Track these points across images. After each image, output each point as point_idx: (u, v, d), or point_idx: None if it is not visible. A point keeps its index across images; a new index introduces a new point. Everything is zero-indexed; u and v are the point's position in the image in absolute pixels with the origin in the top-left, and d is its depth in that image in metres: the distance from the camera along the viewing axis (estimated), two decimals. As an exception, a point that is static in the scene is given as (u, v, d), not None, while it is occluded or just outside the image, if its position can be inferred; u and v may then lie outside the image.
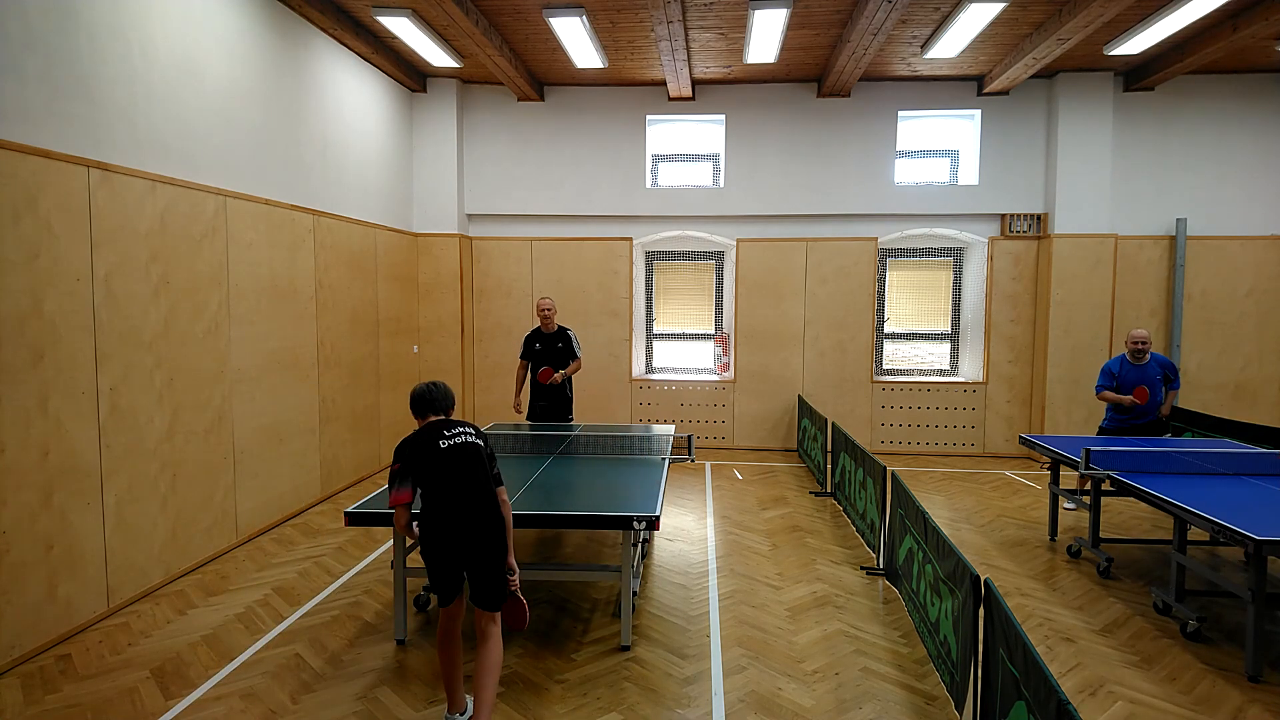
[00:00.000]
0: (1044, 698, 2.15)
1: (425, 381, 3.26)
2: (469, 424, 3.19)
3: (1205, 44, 6.97)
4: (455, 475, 3.02)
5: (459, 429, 3.13)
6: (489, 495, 3.04)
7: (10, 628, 3.61)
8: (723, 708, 3.30)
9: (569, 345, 6.41)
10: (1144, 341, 5.79)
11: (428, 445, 3.06)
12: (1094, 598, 4.54)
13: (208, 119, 5.10)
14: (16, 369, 3.63)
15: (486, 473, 3.08)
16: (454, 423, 3.17)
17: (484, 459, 3.11)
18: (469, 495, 3.01)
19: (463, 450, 3.07)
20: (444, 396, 3.24)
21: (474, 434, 3.15)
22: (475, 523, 2.99)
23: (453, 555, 3.00)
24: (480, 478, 3.05)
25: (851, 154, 8.63)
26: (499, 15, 6.64)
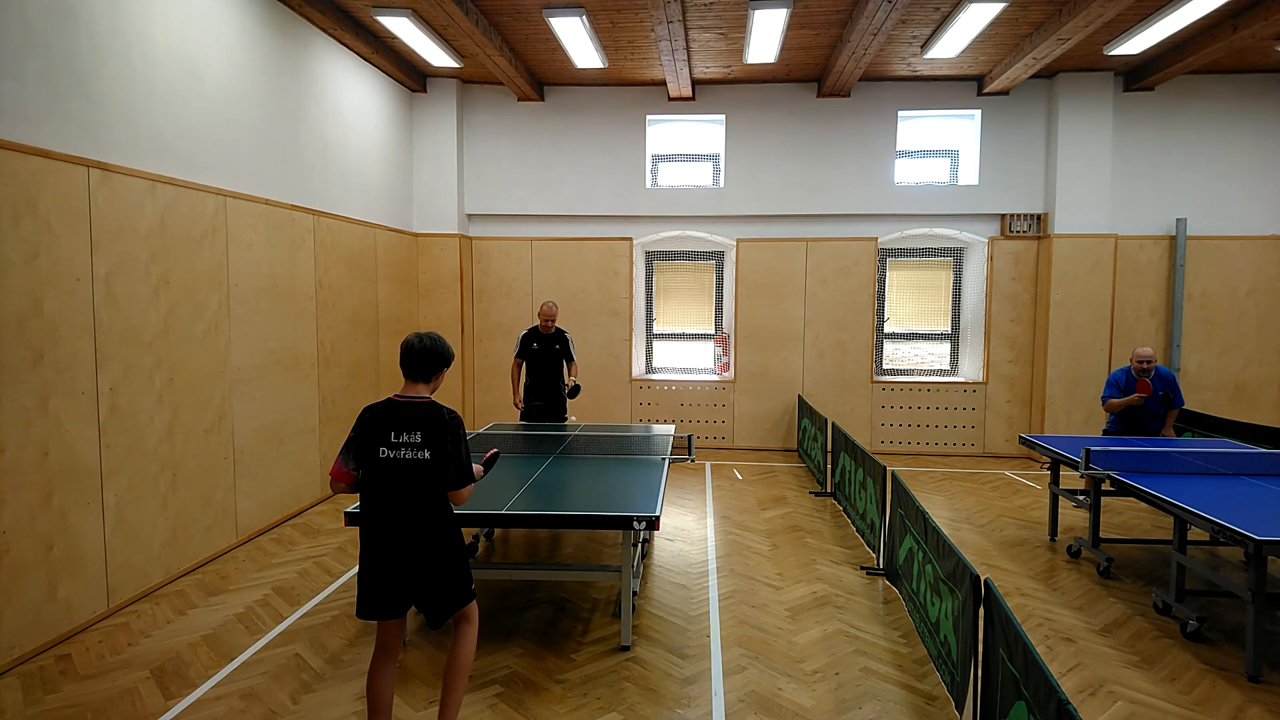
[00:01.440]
0: (1044, 698, 2.15)
1: (416, 333, 2.87)
2: (427, 418, 2.73)
3: (1205, 44, 6.97)
4: (390, 495, 2.71)
5: (406, 435, 2.71)
6: (433, 517, 2.73)
7: (10, 628, 3.61)
8: (723, 708, 3.30)
9: (566, 347, 6.44)
10: (1149, 361, 5.82)
11: (371, 443, 2.73)
12: (1094, 598, 4.54)
13: (208, 119, 5.11)
14: (16, 369, 3.63)
15: (431, 491, 2.72)
16: (407, 417, 2.72)
17: (429, 474, 2.71)
18: (407, 522, 2.71)
19: (401, 468, 2.70)
20: (422, 356, 2.80)
21: (420, 443, 2.71)
22: (416, 551, 2.71)
23: (389, 577, 2.72)
24: (421, 500, 2.71)
25: (851, 154, 8.63)
26: (499, 15, 6.64)
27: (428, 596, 2.77)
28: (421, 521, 2.72)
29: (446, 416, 2.76)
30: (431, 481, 2.73)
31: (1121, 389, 5.93)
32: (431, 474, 2.72)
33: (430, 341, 2.84)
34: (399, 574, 2.73)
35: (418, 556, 2.72)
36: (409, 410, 2.75)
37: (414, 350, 2.82)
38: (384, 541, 2.72)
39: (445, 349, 2.88)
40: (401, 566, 2.72)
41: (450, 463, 2.75)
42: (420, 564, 2.73)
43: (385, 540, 2.72)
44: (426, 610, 2.80)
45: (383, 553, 2.72)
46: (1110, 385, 6.01)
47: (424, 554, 2.73)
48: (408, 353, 2.83)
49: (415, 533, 2.72)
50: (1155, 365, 5.87)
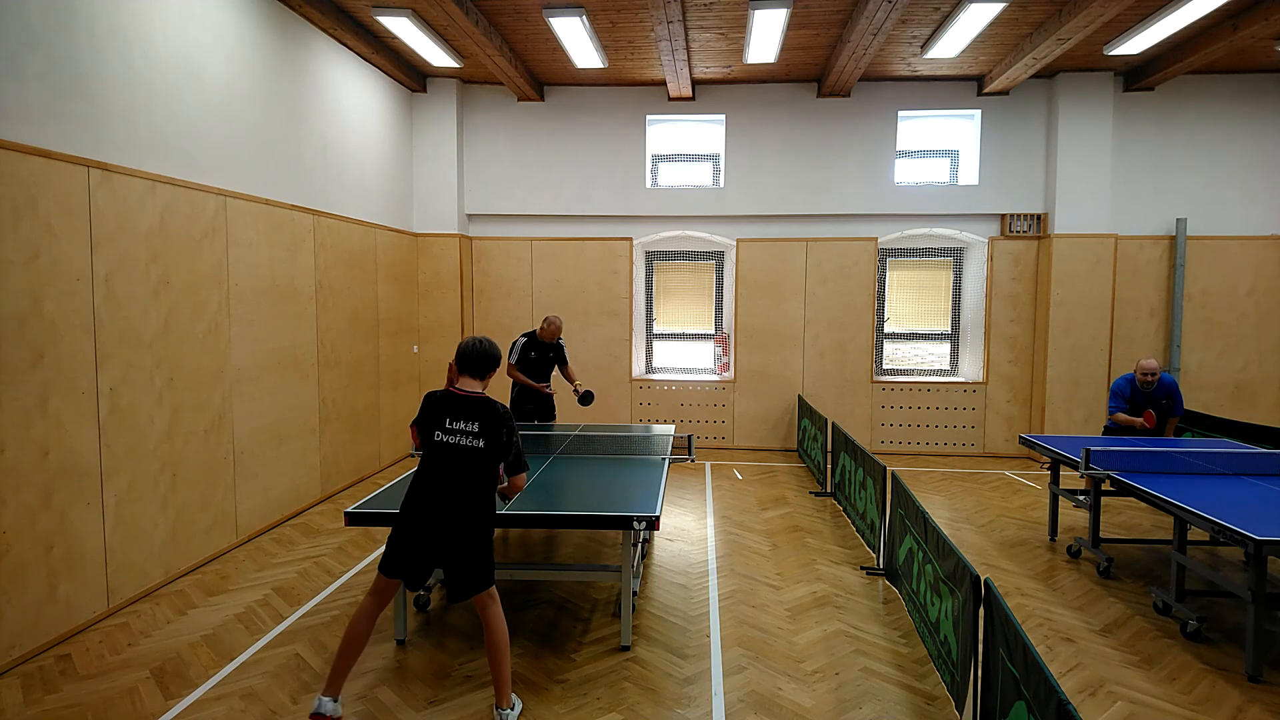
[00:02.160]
0: (1044, 698, 2.15)
1: (473, 336, 3.22)
2: (483, 410, 3.05)
3: (1205, 44, 6.97)
4: (441, 473, 3.01)
5: (463, 424, 3.03)
6: (474, 498, 3.01)
7: (10, 628, 3.61)
8: (723, 708, 3.30)
9: (560, 353, 6.59)
10: (1153, 374, 5.82)
11: (428, 427, 3.08)
12: (1094, 598, 4.54)
13: (208, 119, 5.11)
14: (16, 369, 3.63)
15: (478, 476, 3.02)
16: (464, 408, 3.06)
17: (480, 461, 3.02)
18: (450, 497, 2.99)
19: (455, 452, 3.02)
20: (479, 358, 3.15)
21: (477, 432, 3.03)
22: (451, 524, 2.98)
23: (420, 548, 3.00)
24: (468, 482, 3.01)
25: (851, 154, 8.63)
26: (499, 15, 6.64)
27: (453, 570, 3.03)
28: (464, 502, 3.00)
29: (500, 411, 3.07)
30: (481, 467, 3.02)
31: (1127, 399, 5.93)
32: (483, 461, 3.02)
33: (487, 345, 3.20)
34: (430, 545, 2.99)
35: (452, 533, 2.98)
36: (466, 402, 3.08)
37: (473, 349, 3.16)
38: (425, 514, 3.00)
39: (498, 352, 3.24)
40: (434, 539, 2.98)
41: (508, 451, 3.08)
42: (452, 540, 2.99)
43: (427, 513, 2.99)
44: (450, 582, 3.06)
45: (421, 523, 3.00)
46: (1117, 396, 6.00)
47: (458, 532, 2.99)
48: (467, 353, 3.16)
49: (456, 511, 2.99)
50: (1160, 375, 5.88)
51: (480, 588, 3.07)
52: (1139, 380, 5.83)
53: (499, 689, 3.08)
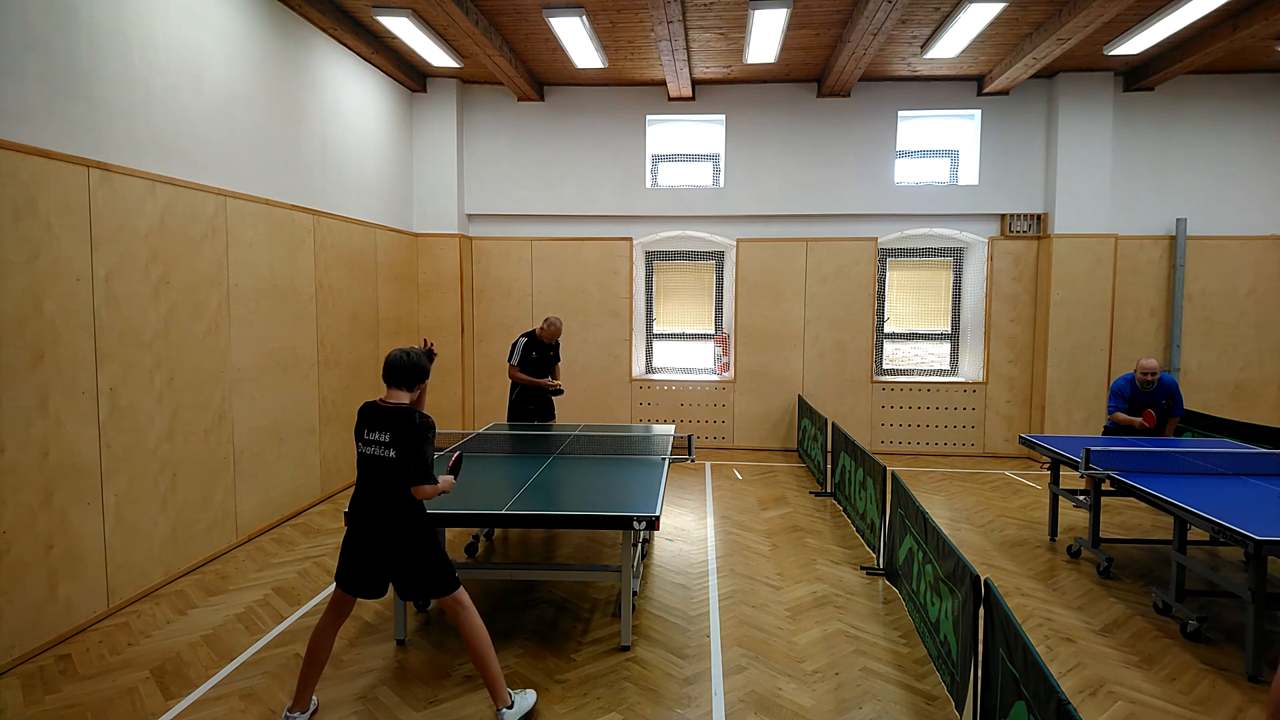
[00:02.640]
0: (1044, 698, 2.15)
1: (400, 348, 3.18)
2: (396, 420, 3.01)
3: (1205, 44, 6.97)
4: (365, 484, 3.08)
5: (377, 434, 3.03)
6: (397, 507, 3.02)
7: (10, 628, 3.61)
8: (723, 708, 3.30)
9: (556, 352, 6.66)
10: (1153, 373, 5.84)
11: (357, 437, 3.12)
12: (1094, 598, 4.54)
13: (208, 119, 5.11)
14: (16, 369, 3.63)
15: (396, 485, 3.01)
16: (380, 419, 3.04)
17: (393, 470, 3.00)
18: (375, 508, 3.04)
19: (372, 463, 3.05)
20: (405, 370, 3.11)
21: (387, 442, 3.01)
22: (381, 534, 3.03)
23: (362, 560, 3.07)
24: (387, 491, 3.02)
25: (851, 154, 8.63)
26: (499, 15, 6.64)
27: (398, 580, 3.10)
28: (388, 513, 3.03)
29: (415, 421, 3.03)
30: (395, 477, 3.02)
31: (1127, 398, 5.94)
32: (396, 470, 3.01)
33: (415, 356, 3.17)
34: (367, 558, 3.06)
35: (384, 544, 3.04)
36: (383, 413, 3.07)
37: (398, 364, 3.14)
38: (357, 525, 3.09)
39: (422, 365, 3.20)
40: (369, 551, 3.06)
41: (416, 456, 3.01)
42: (387, 551, 3.04)
43: (358, 524, 3.08)
44: (400, 592, 3.14)
45: (355, 536, 3.09)
46: (1117, 396, 6.01)
47: (390, 542, 3.04)
48: (392, 365, 3.14)
49: (382, 523, 3.04)
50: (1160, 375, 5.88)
51: (439, 592, 3.09)
52: (1139, 380, 5.83)
53: (492, 691, 3.09)
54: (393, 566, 3.06)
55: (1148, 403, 5.89)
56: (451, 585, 3.12)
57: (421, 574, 3.07)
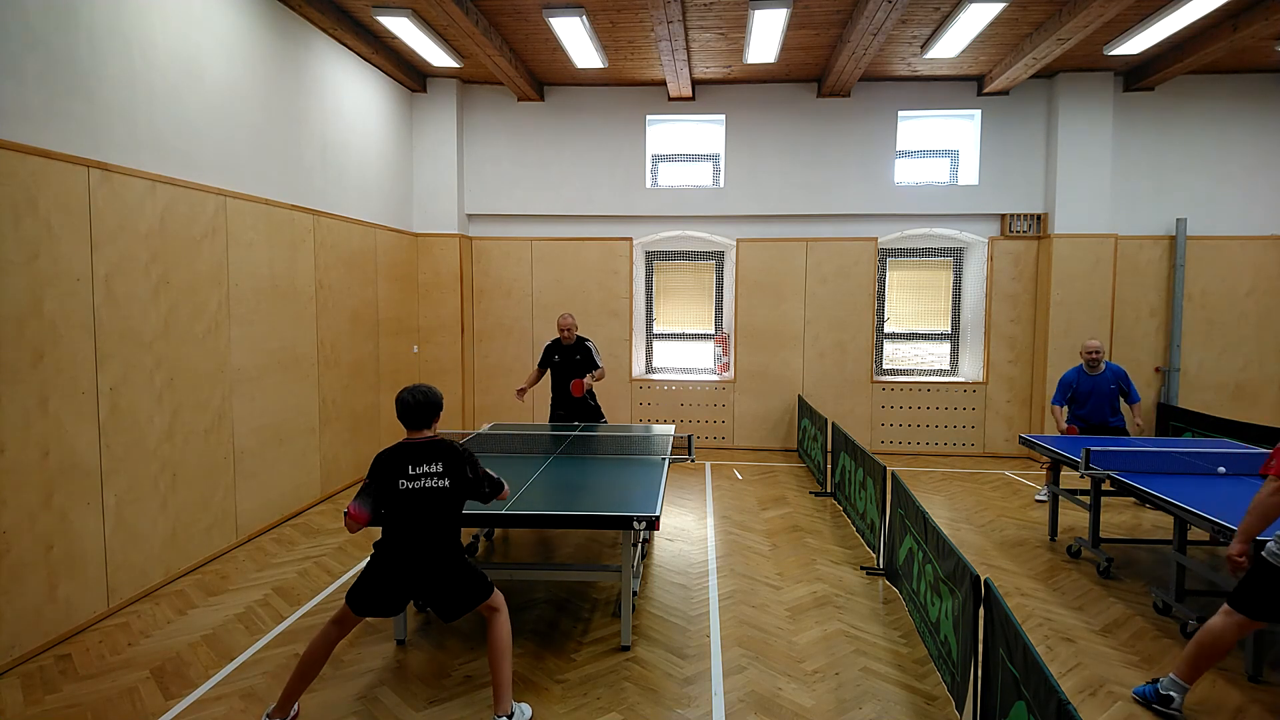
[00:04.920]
0: (1044, 698, 2.15)
1: (409, 387, 3.14)
2: (444, 452, 3.05)
3: (1205, 44, 6.97)
4: (412, 519, 3.01)
5: (425, 467, 3.01)
6: (448, 537, 3.06)
7: (10, 628, 3.61)
8: (723, 708, 3.30)
9: (588, 356, 6.37)
10: (1097, 352, 6.07)
11: (390, 479, 3.01)
12: (1094, 598, 4.54)
13: (208, 119, 5.10)
14: (16, 369, 3.63)
15: (449, 515, 3.05)
16: (424, 453, 3.03)
17: (449, 500, 3.04)
18: (425, 540, 3.02)
19: (423, 496, 3.00)
20: (422, 408, 3.10)
21: (441, 473, 3.03)
22: (429, 564, 3.02)
23: (401, 589, 3.05)
24: (441, 522, 3.04)
25: (851, 154, 8.63)
26: (499, 15, 6.64)
27: (442, 604, 3.08)
28: (437, 541, 3.04)
29: (460, 449, 3.11)
30: (450, 506, 3.05)
31: (1073, 387, 6.19)
32: (450, 499, 3.04)
33: (424, 392, 3.13)
34: (412, 586, 3.05)
35: (433, 571, 3.03)
36: (425, 446, 3.07)
37: (412, 400, 3.10)
38: (405, 560, 3.02)
39: (438, 397, 3.19)
40: (417, 580, 3.03)
41: (479, 486, 3.13)
42: (435, 576, 3.04)
43: (407, 559, 3.02)
44: (439, 610, 3.09)
45: (402, 570, 3.02)
46: (1062, 386, 6.26)
47: (439, 568, 3.04)
48: (407, 408, 3.10)
49: (434, 554, 3.03)
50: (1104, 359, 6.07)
51: (480, 601, 3.12)
52: (1085, 360, 6.07)
53: (498, 694, 3.06)
54: (435, 592, 3.06)
55: (1094, 388, 6.09)
56: (488, 589, 3.15)
57: (464, 593, 3.08)
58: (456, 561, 3.08)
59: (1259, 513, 2.99)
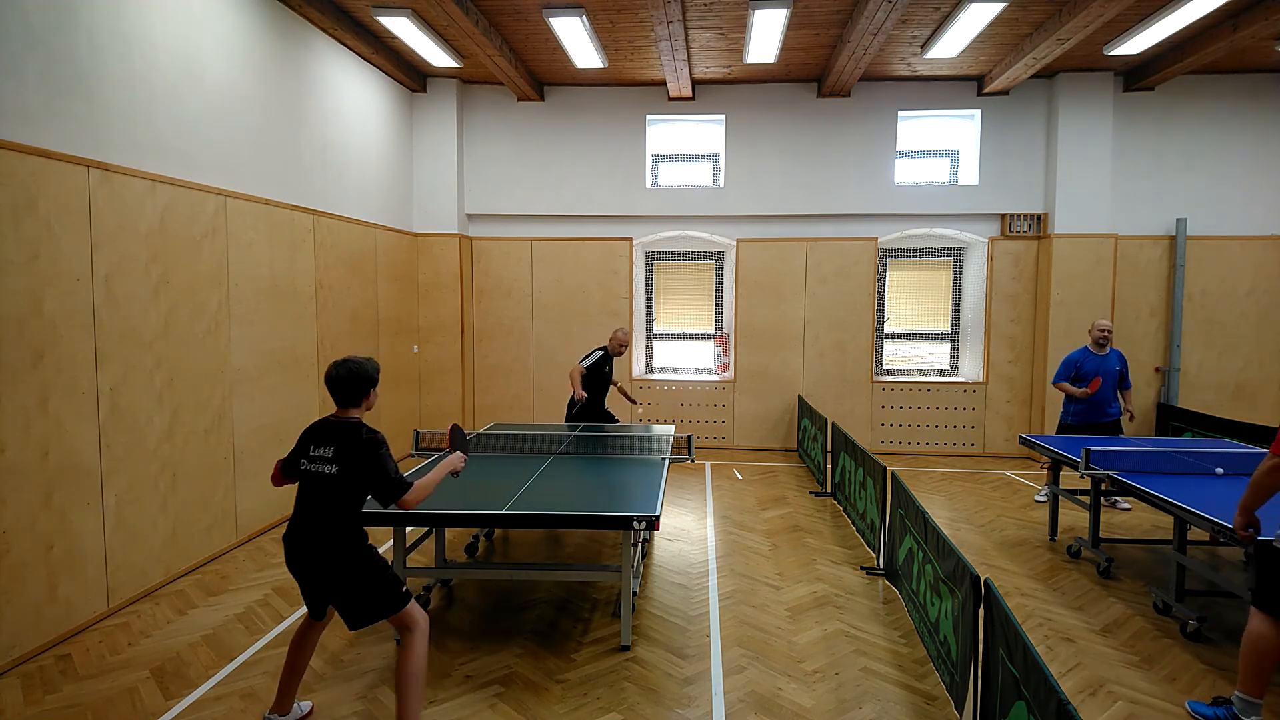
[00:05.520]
0: (1044, 698, 2.15)
1: (337, 360, 2.96)
2: (344, 436, 2.86)
3: (1205, 44, 6.97)
4: (305, 501, 2.89)
5: (324, 450, 2.86)
6: (334, 528, 2.83)
7: (10, 628, 3.61)
8: (723, 708, 3.30)
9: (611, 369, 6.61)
10: (1109, 331, 6.18)
11: (297, 454, 2.93)
12: (1094, 598, 4.54)
13: (208, 119, 5.10)
14: (16, 369, 3.63)
15: (334, 504, 2.83)
16: (327, 434, 2.89)
17: (335, 489, 2.82)
18: (312, 526, 2.85)
19: (314, 480, 2.86)
20: (345, 382, 2.90)
21: (330, 458, 2.84)
22: (320, 556, 2.84)
23: (303, 577, 2.93)
24: (328, 511, 2.83)
25: (851, 154, 8.63)
26: (499, 15, 6.64)
27: (340, 607, 2.89)
28: (323, 532, 2.84)
29: (364, 436, 2.87)
30: (335, 494, 2.83)
31: (1077, 365, 6.23)
32: (335, 489, 2.83)
33: (352, 365, 2.93)
34: (306, 576, 2.91)
35: (320, 564, 2.85)
36: (334, 427, 2.91)
37: (334, 379, 2.92)
38: (293, 546, 2.89)
39: (367, 371, 2.97)
40: (307, 570, 2.89)
41: (376, 480, 2.84)
42: (323, 571, 2.85)
43: (294, 545, 2.89)
44: (342, 614, 2.90)
45: (292, 556, 2.90)
46: (1065, 364, 6.30)
47: (326, 562, 2.84)
48: (330, 382, 2.93)
49: (317, 542, 2.84)
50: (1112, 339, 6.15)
51: (387, 611, 2.89)
52: (1095, 338, 6.16)
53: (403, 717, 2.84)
54: (332, 592, 2.87)
55: (1100, 369, 6.13)
56: (400, 600, 2.91)
57: (364, 597, 2.86)
58: (355, 560, 2.85)
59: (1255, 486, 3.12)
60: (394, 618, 2.91)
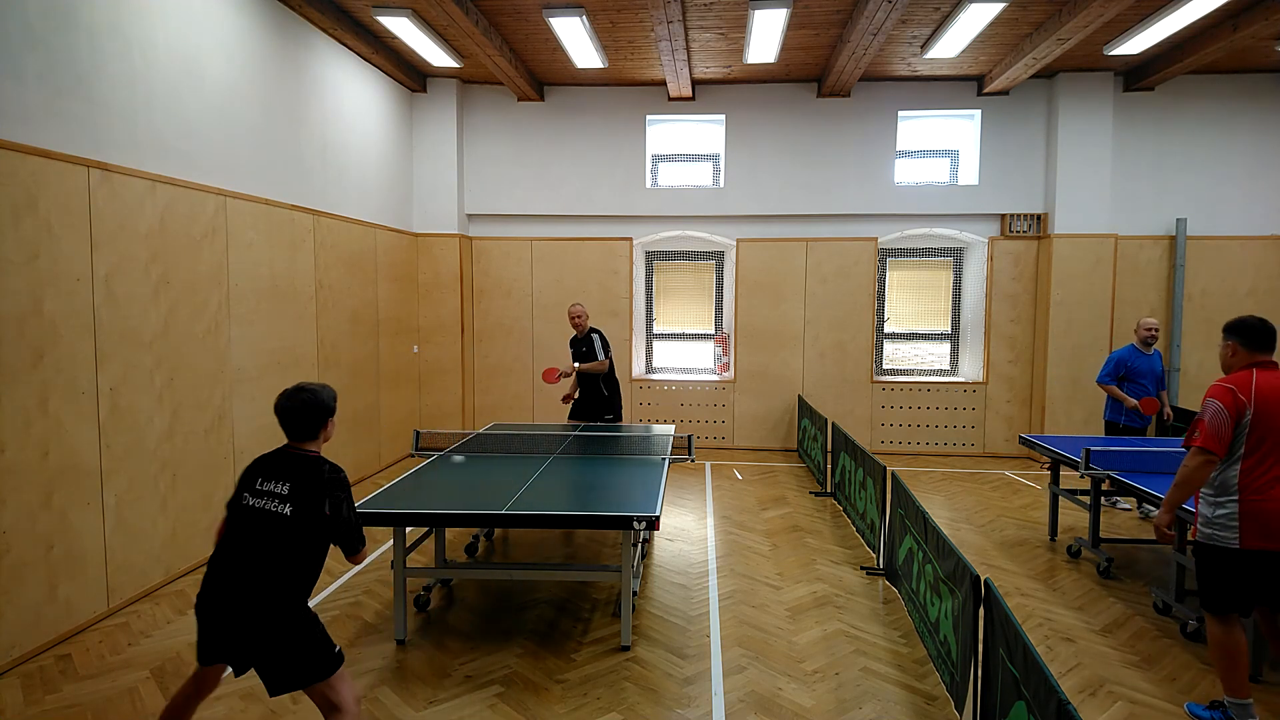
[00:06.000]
0: (1044, 698, 2.15)
1: (289, 389, 2.63)
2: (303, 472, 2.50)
3: (1205, 44, 6.97)
4: (243, 542, 2.45)
5: (277, 486, 2.47)
6: (277, 579, 2.40)
7: (10, 628, 3.61)
8: (723, 708, 3.30)
9: (592, 348, 6.34)
10: (1156, 329, 5.95)
11: (241, 490, 2.52)
12: (1094, 598, 4.54)
13: (208, 119, 5.10)
14: (16, 369, 3.63)
15: (284, 553, 2.42)
16: (280, 468, 2.52)
17: (285, 532, 2.42)
18: (249, 572, 2.40)
19: (261, 519, 2.44)
20: (299, 414, 2.58)
21: (285, 495, 2.45)
22: (249, 608, 2.37)
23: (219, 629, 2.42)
24: (270, 558, 2.41)
25: (851, 154, 8.63)
26: (499, 15, 6.64)
27: (263, 663, 2.43)
28: (262, 581, 2.40)
29: (325, 474, 2.52)
30: (284, 539, 2.43)
31: (1126, 365, 6.00)
32: (286, 532, 2.43)
33: (307, 397, 2.61)
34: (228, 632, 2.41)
35: (254, 619, 2.38)
36: (289, 460, 2.56)
37: (286, 410, 2.60)
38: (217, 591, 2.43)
39: (321, 400, 2.64)
40: (234, 624, 2.39)
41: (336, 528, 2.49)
42: (256, 626, 2.38)
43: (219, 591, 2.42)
44: (263, 676, 2.44)
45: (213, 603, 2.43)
46: (1113, 363, 6.05)
47: (262, 616, 2.38)
48: (282, 413, 2.59)
49: (252, 592, 2.39)
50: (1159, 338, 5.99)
51: (316, 677, 2.44)
52: (1141, 339, 5.94)
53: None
54: (256, 648, 2.40)
55: (1149, 369, 5.97)
56: (331, 665, 2.47)
57: (296, 660, 2.42)
58: (291, 616, 2.41)
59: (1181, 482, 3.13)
60: (323, 693, 2.46)
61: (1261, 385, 3.04)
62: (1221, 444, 3.02)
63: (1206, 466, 3.05)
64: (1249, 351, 3.16)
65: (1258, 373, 3.09)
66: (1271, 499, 2.99)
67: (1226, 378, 3.15)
